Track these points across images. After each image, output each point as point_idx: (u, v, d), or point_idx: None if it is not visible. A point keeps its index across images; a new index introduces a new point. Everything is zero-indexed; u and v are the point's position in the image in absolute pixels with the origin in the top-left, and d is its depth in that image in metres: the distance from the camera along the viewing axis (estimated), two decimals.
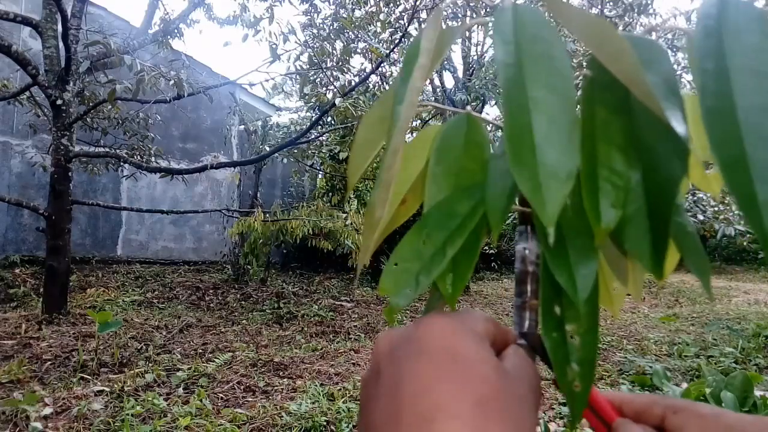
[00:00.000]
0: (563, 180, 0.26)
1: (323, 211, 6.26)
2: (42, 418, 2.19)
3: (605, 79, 0.28)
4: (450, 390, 0.24)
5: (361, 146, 0.35)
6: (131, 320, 4.15)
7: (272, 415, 2.32)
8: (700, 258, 0.28)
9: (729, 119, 0.24)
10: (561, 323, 0.29)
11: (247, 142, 8.56)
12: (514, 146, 0.27)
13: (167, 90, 4.36)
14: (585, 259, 0.28)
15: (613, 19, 5.57)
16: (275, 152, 5.51)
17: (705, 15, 0.26)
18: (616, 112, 0.28)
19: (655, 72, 0.27)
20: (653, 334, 4.24)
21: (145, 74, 3.79)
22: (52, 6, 3.90)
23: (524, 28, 0.28)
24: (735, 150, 0.23)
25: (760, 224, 0.22)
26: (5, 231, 5.92)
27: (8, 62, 4.28)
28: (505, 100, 0.27)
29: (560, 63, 0.28)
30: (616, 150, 0.28)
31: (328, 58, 5.11)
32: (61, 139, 4.02)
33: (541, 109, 0.27)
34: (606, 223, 0.27)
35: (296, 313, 4.86)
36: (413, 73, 0.29)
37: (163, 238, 7.48)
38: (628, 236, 0.28)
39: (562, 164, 0.26)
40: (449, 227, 0.31)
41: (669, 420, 0.29)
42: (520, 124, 0.27)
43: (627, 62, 0.26)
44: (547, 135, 0.26)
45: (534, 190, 0.26)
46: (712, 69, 0.25)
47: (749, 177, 0.23)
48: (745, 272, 9.75)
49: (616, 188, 0.27)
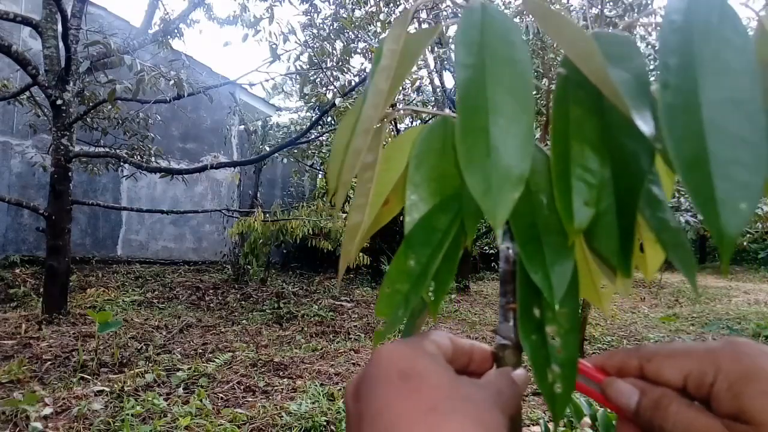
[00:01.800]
0: (515, 183, 0.25)
1: (323, 211, 6.26)
2: (42, 418, 2.19)
3: (579, 78, 0.28)
4: (403, 405, 0.26)
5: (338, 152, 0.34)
6: (131, 320, 4.15)
7: (272, 415, 2.32)
8: (685, 254, 0.27)
9: (692, 115, 0.23)
10: (540, 325, 0.28)
11: (247, 142, 8.56)
12: (467, 148, 0.26)
13: (167, 90, 4.36)
14: (560, 258, 0.28)
15: (613, 18, 5.56)
16: (275, 152, 5.51)
17: (672, 10, 0.26)
18: (590, 110, 0.28)
19: (626, 68, 0.27)
20: (653, 334, 4.24)
21: (145, 74, 3.79)
22: (52, 6, 3.90)
23: (491, 30, 0.28)
24: (696, 146, 0.23)
25: (716, 221, 0.22)
26: (5, 231, 5.92)
27: (8, 62, 4.28)
28: (462, 100, 0.27)
29: (523, 67, 0.27)
30: (589, 148, 0.28)
31: (328, 58, 5.11)
32: (61, 139, 4.02)
33: (501, 111, 0.26)
34: (579, 222, 0.26)
35: (296, 313, 4.86)
36: (375, 75, 0.29)
37: (163, 238, 7.48)
38: (598, 234, 0.27)
39: (515, 167, 0.26)
40: (431, 243, 0.31)
41: (646, 368, 0.31)
42: (476, 126, 0.26)
43: (595, 62, 0.26)
44: (504, 138, 0.26)
45: (485, 193, 0.25)
46: (676, 64, 0.24)
47: (709, 174, 0.22)
48: (745, 272, 9.75)
49: (589, 186, 0.27)
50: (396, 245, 7.72)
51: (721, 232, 0.22)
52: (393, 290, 0.30)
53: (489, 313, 5.32)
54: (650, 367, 0.30)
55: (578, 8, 6.08)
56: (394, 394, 0.26)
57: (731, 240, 0.22)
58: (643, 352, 0.31)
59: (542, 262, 0.28)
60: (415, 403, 0.26)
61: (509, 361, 0.32)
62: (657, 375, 0.30)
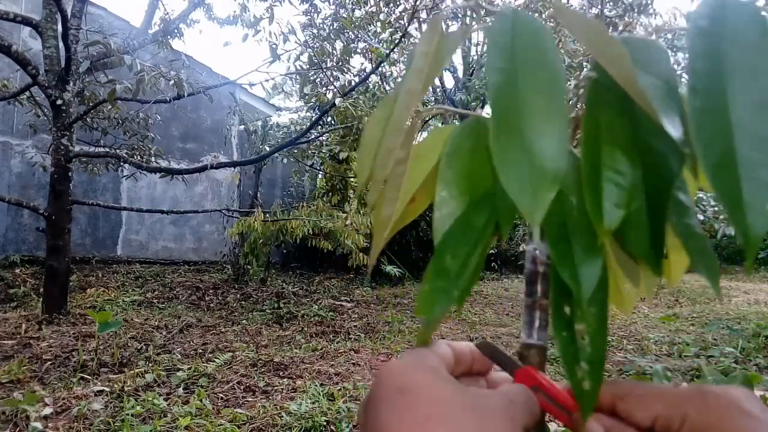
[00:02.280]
0: (551, 182, 0.26)
1: (323, 211, 6.26)
2: (42, 418, 2.19)
3: (608, 81, 0.28)
4: (400, 419, 0.27)
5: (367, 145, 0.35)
6: (131, 320, 4.15)
7: (272, 415, 2.32)
8: (709, 259, 0.28)
9: (720, 118, 0.24)
10: (570, 323, 0.29)
11: (247, 142, 8.56)
12: (502, 148, 0.27)
13: (167, 90, 4.36)
14: (589, 258, 0.28)
15: (613, 19, 5.57)
16: (275, 152, 5.51)
17: (699, 15, 0.26)
18: (619, 113, 0.29)
19: (654, 73, 0.27)
20: (653, 334, 4.24)
21: (145, 74, 3.79)
22: (52, 6, 3.90)
23: (522, 35, 0.29)
24: (724, 149, 0.23)
25: (743, 223, 0.22)
26: (5, 231, 5.92)
27: (8, 62, 4.28)
28: (495, 102, 0.28)
29: (554, 70, 0.28)
30: (619, 151, 0.28)
31: (328, 58, 5.11)
32: (61, 139, 4.02)
33: (534, 112, 0.27)
34: (609, 223, 0.27)
35: (296, 313, 4.86)
36: (409, 76, 0.30)
37: (163, 238, 7.48)
38: (630, 235, 0.28)
39: (551, 166, 0.26)
40: (469, 241, 0.31)
41: (618, 406, 0.31)
42: (510, 126, 0.27)
43: (624, 67, 0.26)
44: (538, 138, 0.27)
45: (521, 192, 0.26)
46: (704, 68, 0.25)
47: (737, 176, 0.23)
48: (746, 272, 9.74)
49: (619, 188, 0.27)
50: (396, 246, 7.72)
51: (747, 233, 0.22)
52: (432, 288, 0.30)
53: (489, 313, 5.32)
54: (622, 406, 0.31)
55: (578, 8, 6.08)
56: (392, 409, 0.27)
57: (756, 240, 0.23)
58: (617, 389, 0.31)
59: (571, 262, 0.28)
60: (411, 416, 0.26)
61: (533, 360, 0.32)
62: (628, 414, 0.31)
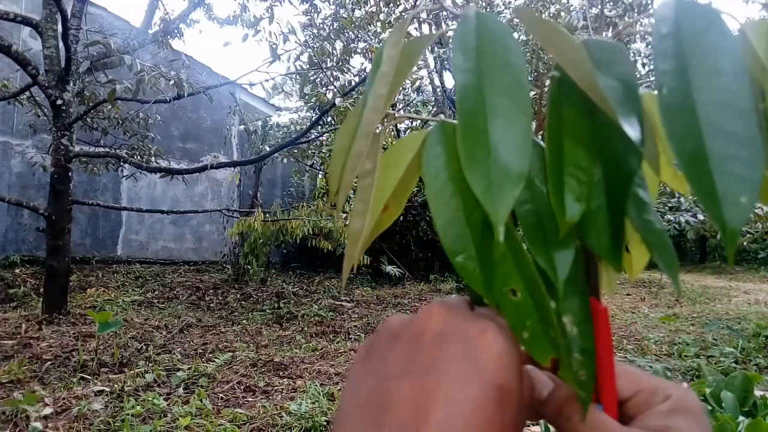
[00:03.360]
0: (515, 181, 0.27)
1: (323, 211, 6.26)
2: (42, 418, 2.19)
3: (571, 81, 0.29)
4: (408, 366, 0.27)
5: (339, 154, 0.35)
6: (131, 320, 4.15)
7: (272, 415, 2.32)
8: (668, 254, 0.29)
9: (688, 115, 0.24)
10: (558, 316, 0.29)
11: (247, 142, 8.57)
12: (467, 148, 0.28)
13: (167, 90, 4.36)
14: (562, 244, 0.29)
15: (613, 18, 5.56)
16: (275, 152, 5.51)
17: (660, 18, 0.27)
18: (582, 112, 0.29)
19: (613, 74, 0.28)
20: (653, 334, 4.23)
21: (145, 74, 3.79)
22: (52, 6, 3.90)
23: (486, 36, 0.30)
24: (694, 144, 0.24)
25: (720, 216, 0.23)
26: (5, 231, 5.92)
27: (8, 62, 4.28)
28: (461, 103, 0.28)
29: (518, 70, 0.29)
30: (581, 147, 0.29)
31: (328, 58, 5.12)
32: (61, 139, 4.02)
33: (499, 113, 0.28)
34: (570, 217, 0.28)
35: (296, 313, 4.86)
36: (375, 81, 0.30)
37: (163, 238, 7.48)
38: (591, 231, 0.29)
39: (515, 165, 0.27)
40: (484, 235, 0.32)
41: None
42: (476, 127, 0.28)
43: (583, 69, 0.27)
44: (503, 137, 0.27)
45: (486, 191, 0.27)
46: (670, 68, 0.26)
47: (709, 170, 0.24)
48: (745, 272, 9.74)
49: (580, 183, 0.28)
50: (396, 246, 7.72)
51: (725, 226, 0.23)
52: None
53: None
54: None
55: (578, 8, 6.08)
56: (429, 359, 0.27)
57: (734, 233, 0.23)
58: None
59: (545, 246, 0.29)
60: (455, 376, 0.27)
61: None
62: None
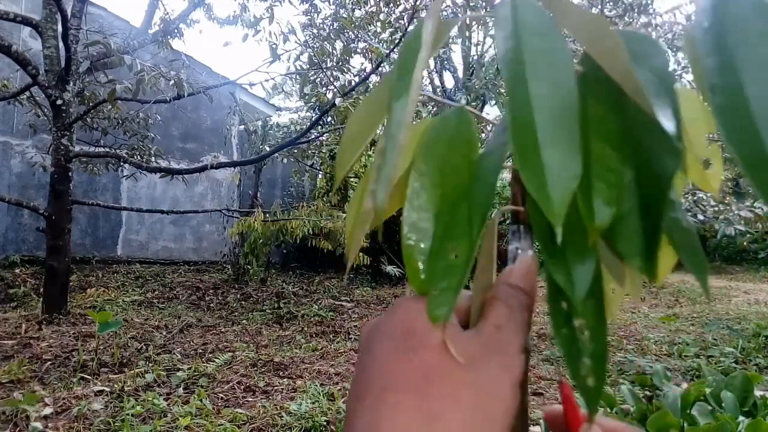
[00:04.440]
0: (568, 178, 0.25)
1: (323, 211, 6.26)
2: (42, 418, 2.19)
3: (598, 76, 0.27)
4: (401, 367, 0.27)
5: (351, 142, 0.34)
6: (131, 320, 4.15)
7: (272, 415, 2.32)
8: (697, 256, 0.27)
9: (743, 114, 0.23)
10: (569, 318, 0.28)
11: (247, 142, 8.56)
12: (519, 145, 0.26)
13: (167, 90, 4.36)
14: (582, 257, 0.27)
15: (613, 18, 5.57)
16: (275, 152, 5.51)
17: (702, 10, 0.26)
18: (610, 109, 0.28)
19: (647, 67, 0.26)
20: (653, 334, 4.23)
21: (145, 74, 3.79)
22: (52, 6, 3.90)
23: (524, 23, 0.28)
24: (755, 145, 0.22)
25: None
26: (5, 231, 5.92)
27: (8, 62, 4.28)
28: (509, 97, 0.27)
29: (561, 56, 0.27)
30: (610, 147, 0.27)
31: (328, 58, 5.11)
32: (61, 139, 4.02)
33: (543, 106, 0.26)
34: (600, 222, 0.26)
35: (296, 313, 4.86)
36: (416, 67, 0.28)
37: (163, 238, 7.48)
38: (620, 236, 0.27)
39: (566, 163, 0.25)
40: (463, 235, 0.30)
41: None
42: (524, 123, 0.26)
43: (619, 59, 0.25)
44: (549, 133, 0.26)
45: (540, 189, 0.25)
46: (716, 65, 0.24)
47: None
48: (745, 272, 9.74)
49: (610, 186, 0.27)
50: (396, 246, 7.72)
51: None
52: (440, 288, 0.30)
53: None
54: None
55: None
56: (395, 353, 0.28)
57: None
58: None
59: (564, 262, 0.27)
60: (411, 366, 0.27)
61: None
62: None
